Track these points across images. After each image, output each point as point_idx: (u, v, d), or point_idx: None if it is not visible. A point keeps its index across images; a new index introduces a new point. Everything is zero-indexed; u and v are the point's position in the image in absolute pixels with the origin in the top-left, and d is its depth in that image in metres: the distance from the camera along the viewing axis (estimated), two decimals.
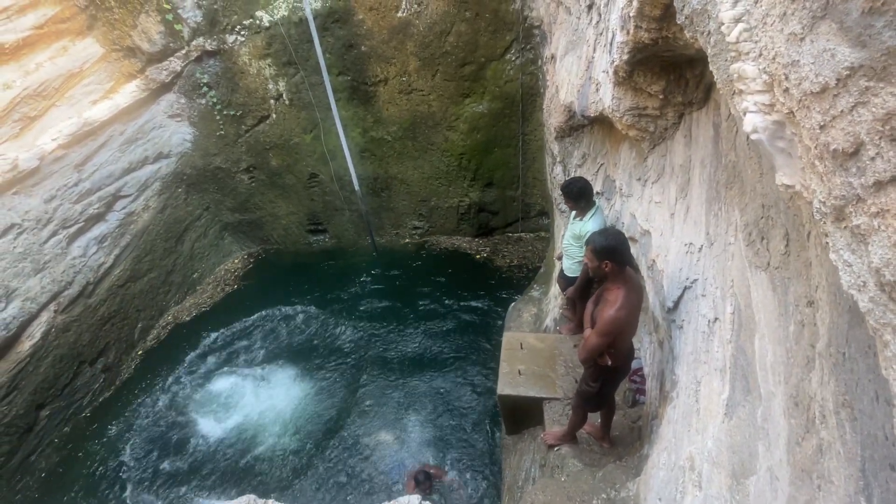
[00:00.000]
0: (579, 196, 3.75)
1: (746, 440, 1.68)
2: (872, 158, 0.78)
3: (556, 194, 5.86)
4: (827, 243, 0.95)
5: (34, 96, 5.59)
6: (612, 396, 3.18)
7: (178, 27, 6.42)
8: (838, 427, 1.13)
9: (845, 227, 0.87)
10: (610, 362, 2.67)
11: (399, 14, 6.34)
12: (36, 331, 5.56)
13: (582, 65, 3.92)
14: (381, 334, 6.75)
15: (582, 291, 4.07)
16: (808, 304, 1.37)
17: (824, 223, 0.94)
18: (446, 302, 7.11)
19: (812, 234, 1.34)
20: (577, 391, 3.15)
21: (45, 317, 5.66)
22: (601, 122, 3.94)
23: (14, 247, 5.38)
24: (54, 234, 5.83)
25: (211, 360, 6.65)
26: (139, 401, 6.23)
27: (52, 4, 5.75)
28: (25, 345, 5.46)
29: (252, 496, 1.62)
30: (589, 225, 3.76)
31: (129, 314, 6.86)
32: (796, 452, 1.34)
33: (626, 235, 3.63)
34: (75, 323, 6.05)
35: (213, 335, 7.03)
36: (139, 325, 7.05)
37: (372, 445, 5.34)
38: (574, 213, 3.95)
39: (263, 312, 7.30)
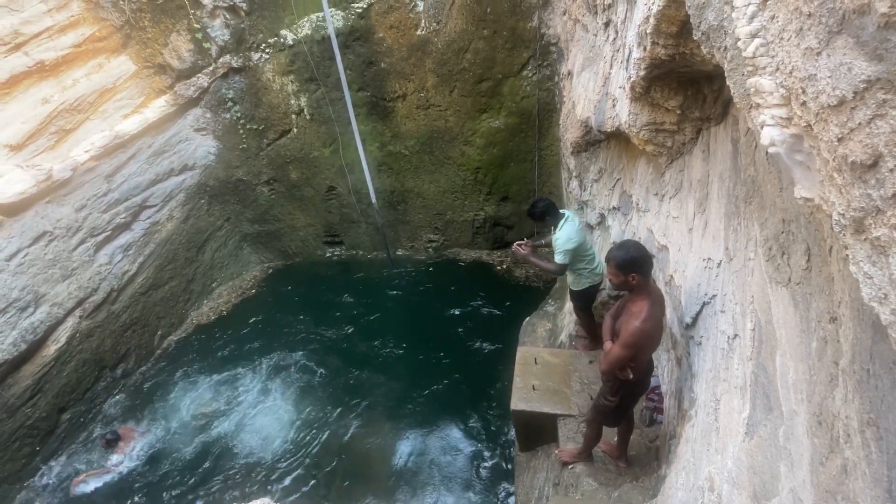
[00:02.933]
0: (544, 215, 3.93)
1: (768, 460, 1.63)
2: (891, 170, 0.78)
3: (573, 209, 5.85)
4: (847, 256, 0.94)
5: (70, 110, 5.87)
6: (630, 413, 3.11)
7: (206, 45, 6.69)
8: (863, 446, 1.10)
9: (865, 239, 0.87)
10: (631, 376, 2.62)
11: (418, 32, 6.50)
12: (62, 335, 5.73)
13: (599, 81, 3.95)
14: (394, 345, 6.76)
15: (585, 309, 4.18)
16: (830, 320, 1.35)
17: (844, 235, 0.93)
18: (459, 314, 7.09)
19: (834, 248, 1.33)
20: (594, 405, 3.09)
21: (70, 322, 5.84)
22: (618, 138, 3.95)
23: (45, 253, 5.59)
24: (83, 241, 6.05)
25: (223, 366, 6.74)
26: (152, 406, 6.32)
27: (90, 24, 6.07)
28: (51, 349, 5.63)
29: (267, 500, 1.64)
30: (560, 233, 3.84)
31: (149, 321, 7.02)
32: (820, 473, 1.30)
33: None
34: (99, 328, 6.22)
35: (228, 342, 7.13)
36: (159, 332, 7.20)
37: (383, 455, 5.31)
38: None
39: (279, 322, 7.39)
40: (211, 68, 6.90)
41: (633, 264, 2.41)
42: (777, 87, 1.13)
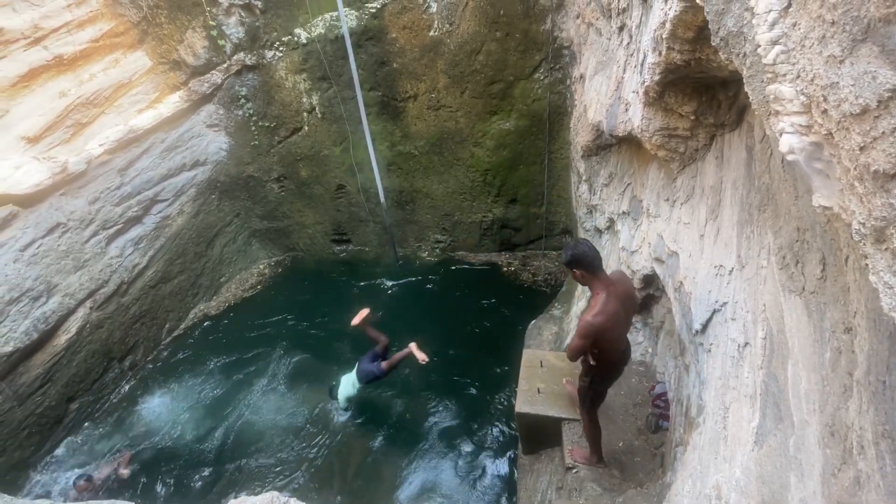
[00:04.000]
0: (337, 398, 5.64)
1: (777, 470, 1.62)
2: None
3: (581, 213, 5.84)
4: (866, 265, 0.93)
5: (86, 104, 5.95)
6: (602, 396, 3.29)
7: (221, 43, 6.76)
8: (878, 458, 1.09)
9: (886, 249, 0.86)
10: (593, 362, 2.95)
11: (431, 33, 6.52)
12: (72, 325, 5.80)
13: (611, 85, 3.94)
14: (399, 344, 6.75)
15: None
16: (845, 330, 1.33)
17: (864, 244, 0.93)
18: (465, 316, 7.09)
19: (850, 258, 1.32)
20: (579, 399, 3.35)
21: (81, 313, 5.91)
22: (629, 142, 3.94)
23: (58, 244, 5.67)
24: (95, 234, 6.12)
25: (229, 360, 6.78)
26: (159, 398, 6.38)
27: (108, 20, 6.15)
28: (62, 339, 5.70)
29: (275, 493, 1.65)
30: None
31: (157, 314, 7.09)
32: (831, 484, 1.29)
33: (653, 256, 3.60)
34: (108, 320, 6.29)
35: (235, 337, 7.18)
36: (167, 326, 7.27)
37: (385, 453, 5.33)
38: None
39: (286, 318, 7.43)
40: (225, 65, 6.96)
41: (573, 262, 2.75)
42: (797, 95, 1.13)
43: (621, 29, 3.82)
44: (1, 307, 5.06)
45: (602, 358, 2.91)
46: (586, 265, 2.72)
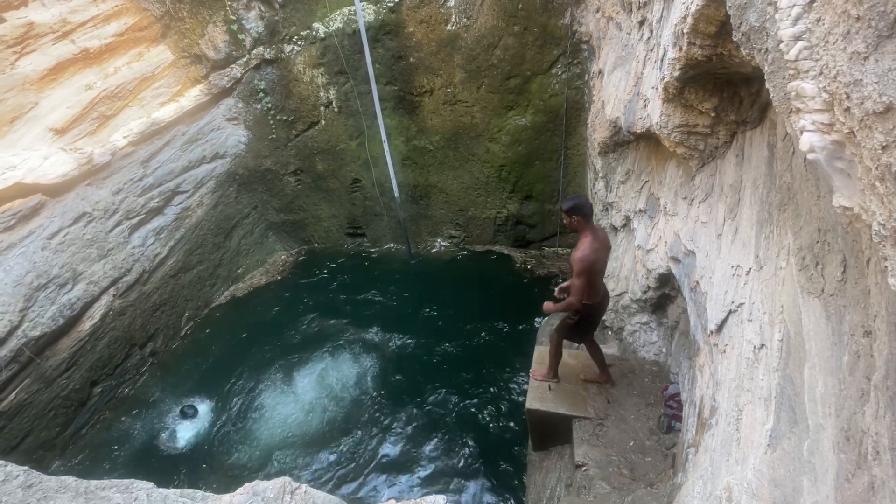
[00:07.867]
0: None
1: (790, 474, 1.60)
2: None
3: (597, 210, 5.78)
4: (886, 267, 0.91)
5: (111, 97, 6.10)
6: (591, 334, 3.86)
7: (241, 37, 6.85)
8: (893, 464, 1.07)
9: None
10: (587, 301, 3.42)
11: (448, 27, 6.50)
12: (96, 312, 5.98)
13: (630, 80, 3.89)
14: (410, 338, 6.81)
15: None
16: (864, 333, 1.31)
17: (884, 246, 0.91)
18: (477, 311, 7.09)
19: (872, 260, 1.29)
20: (558, 325, 3.84)
21: (104, 300, 6.09)
22: (647, 139, 3.88)
23: (84, 234, 5.84)
24: (118, 224, 6.29)
25: (245, 349, 6.92)
26: (176, 385, 6.55)
27: (132, 14, 6.29)
28: (86, 325, 5.89)
29: (287, 478, 1.70)
30: None
31: (177, 303, 7.27)
32: (845, 489, 1.27)
33: (669, 255, 3.56)
34: (130, 307, 6.47)
35: (251, 327, 7.32)
36: (185, 314, 7.45)
37: (395, 445, 5.39)
38: None
39: (300, 309, 7.55)
40: (244, 59, 7.06)
41: (574, 209, 3.24)
42: (819, 92, 1.10)
43: (641, 23, 3.76)
44: (29, 293, 5.25)
45: (591, 295, 3.40)
46: (585, 213, 3.25)
